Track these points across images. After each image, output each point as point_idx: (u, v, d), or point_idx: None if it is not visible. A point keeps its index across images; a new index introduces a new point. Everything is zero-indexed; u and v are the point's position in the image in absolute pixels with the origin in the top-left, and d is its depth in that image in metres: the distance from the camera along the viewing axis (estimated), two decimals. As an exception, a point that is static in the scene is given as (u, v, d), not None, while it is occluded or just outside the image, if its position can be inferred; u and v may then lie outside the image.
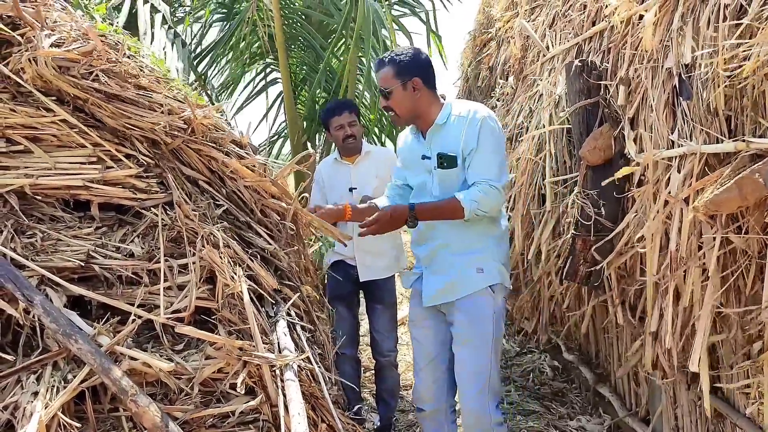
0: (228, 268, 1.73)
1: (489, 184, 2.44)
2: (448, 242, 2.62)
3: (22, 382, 1.42)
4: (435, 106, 2.62)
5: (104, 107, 1.87)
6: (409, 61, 2.59)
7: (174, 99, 2.00)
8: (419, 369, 2.82)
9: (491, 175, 2.46)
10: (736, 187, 1.66)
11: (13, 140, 1.83)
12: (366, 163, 3.60)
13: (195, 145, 1.98)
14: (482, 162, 2.48)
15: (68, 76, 1.82)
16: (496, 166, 2.49)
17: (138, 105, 1.91)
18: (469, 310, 2.55)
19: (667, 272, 2.19)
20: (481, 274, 2.54)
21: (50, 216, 1.83)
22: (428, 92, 2.60)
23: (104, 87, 1.86)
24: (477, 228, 2.56)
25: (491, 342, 2.54)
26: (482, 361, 2.55)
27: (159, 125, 1.91)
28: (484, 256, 2.56)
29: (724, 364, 2.15)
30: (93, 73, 1.86)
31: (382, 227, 2.50)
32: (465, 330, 2.58)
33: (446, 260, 2.63)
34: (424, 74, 2.59)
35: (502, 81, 4.43)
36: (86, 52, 1.86)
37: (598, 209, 2.58)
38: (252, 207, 2.06)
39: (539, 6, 3.92)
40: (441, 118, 2.59)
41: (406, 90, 2.57)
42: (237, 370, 1.56)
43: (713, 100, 1.91)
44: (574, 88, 2.78)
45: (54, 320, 1.47)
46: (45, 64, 1.79)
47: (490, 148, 2.49)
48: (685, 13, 2.13)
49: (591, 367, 3.84)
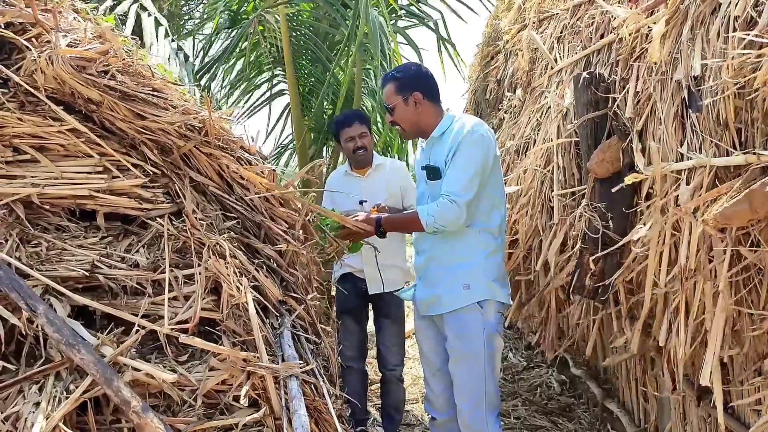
0: (233, 278, 1.72)
1: (450, 198, 2.45)
2: (435, 255, 2.66)
3: (24, 392, 1.41)
4: (438, 118, 2.66)
5: (119, 108, 1.87)
6: (409, 77, 2.65)
7: (187, 102, 2.02)
8: (428, 379, 2.85)
9: (455, 189, 2.46)
10: (746, 200, 1.64)
11: (20, 149, 1.84)
12: (377, 175, 3.58)
13: (207, 148, 1.98)
14: (451, 176, 2.51)
15: (85, 75, 1.83)
16: (464, 181, 2.48)
17: (153, 105, 1.92)
18: (459, 326, 2.56)
19: (676, 286, 2.16)
20: (467, 291, 2.54)
21: (56, 225, 1.83)
22: (431, 105, 2.65)
23: (120, 86, 1.87)
24: (465, 242, 2.57)
25: (483, 357, 2.53)
26: (476, 376, 2.55)
27: (174, 124, 1.91)
28: (471, 271, 2.56)
29: (734, 380, 2.12)
30: (109, 72, 1.87)
31: (355, 234, 2.64)
32: (456, 347, 2.59)
33: (434, 273, 2.67)
34: (425, 88, 2.63)
35: (510, 93, 4.42)
36: (103, 51, 1.87)
37: (606, 222, 2.56)
38: (262, 212, 2.05)
39: (547, 18, 3.92)
40: (437, 131, 2.64)
41: (407, 105, 2.63)
42: (241, 381, 1.54)
43: (723, 112, 1.90)
44: (582, 101, 2.77)
45: (57, 330, 1.46)
46: (62, 64, 1.79)
47: (462, 162, 2.50)
48: (694, 25, 2.11)
49: (599, 382, 3.80)
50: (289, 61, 5.28)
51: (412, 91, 2.61)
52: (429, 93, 2.64)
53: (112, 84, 1.86)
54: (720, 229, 1.87)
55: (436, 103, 2.67)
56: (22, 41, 1.89)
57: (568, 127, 3.08)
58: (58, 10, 2.00)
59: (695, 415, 2.50)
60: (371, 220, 2.64)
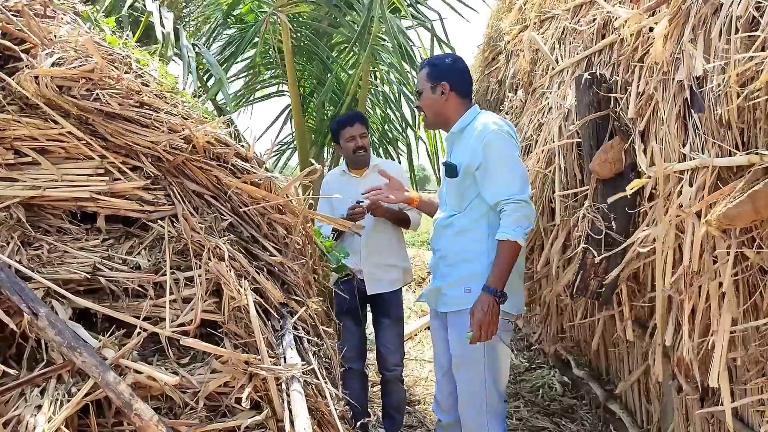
0: (234, 280, 1.71)
1: (514, 200, 2.41)
2: (446, 254, 2.67)
3: (26, 395, 1.40)
4: (457, 114, 2.66)
5: (106, 124, 1.87)
6: (443, 66, 2.67)
7: (176, 115, 1.99)
8: (437, 380, 2.87)
9: (514, 190, 2.43)
10: (749, 201, 1.64)
11: (21, 152, 1.83)
12: (374, 175, 3.59)
13: (197, 162, 1.98)
14: (502, 179, 2.45)
15: (68, 95, 1.82)
16: (517, 180, 2.46)
17: (138, 123, 1.91)
18: (460, 329, 2.53)
19: (680, 286, 2.16)
20: (468, 294, 2.51)
21: (57, 228, 1.82)
22: (457, 99, 2.65)
23: (104, 106, 1.86)
24: (474, 245, 2.57)
25: (484, 361, 2.51)
26: (477, 380, 2.53)
27: (159, 144, 1.90)
28: (474, 274, 2.53)
29: (738, 381, 2.11)
30: (94, 93, 1.85)
31: (484, 324, 2.35)
32: (457, 350, 2.59)
33: (443, 271, 2.69)
34: (456, 81, 2.64)
35: (511, 94, 4.42)
36: (87, 70, 1.85)
37: (609, 223, 2.55)
38: (258, 222, 2.05)
39: (548, 19, 3.91)
40: (457, 126, 2.64)
41: (434, 93, 2.65)
42: (243, 383, 1.54)
43: (725, 112, 1.89)
44: (583, 101, 2.77)
45: (59, 333, 1.45)
46: (46, 85, 1.78)
47: (506, 163, 2.47)
48: (696, 26, 2.11)
49: (601, 383, 3.79)
50: (290, 61, 5.28)
51: (441, 80, 2.63)
52: (458, 86, 2.65)
53: (96, 105, 1.84)
54: (723, 230, 1.87)
55: (464, 98, 2.67)
56: (18, 51, 1.88)
57: (570, 127, 3.08)
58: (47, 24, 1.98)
59: (698, 416, 2.49)
60: (488, 299, 2.37)
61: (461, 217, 2.62)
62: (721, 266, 1.94)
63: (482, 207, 2.56)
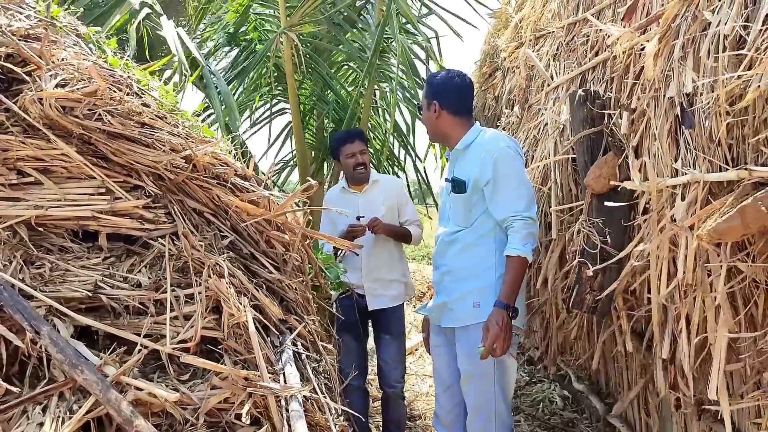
0: (234, 297, 1.74)
1: (520, 217, 2.44)
2: (451, 269, 2.66)
3: (28, 413, 1.42)
4: (459, 131, 2.66)
5: (108, 144, 1.90)
6: (435, 84, 2.69)
7: (177, 135, 2.03)
8: (438, 395, 2.84)
9: (520, 207, 2.46)
10: (738, 216, 1.66)
11: (24, 172, 1.86)
12: (374, 191, 3.62)
13: (197, 181, 2.01)
14: (508, 196, 2.48)
15: (71, 116, 1.86)
16: (524, 197, 2.49)
17: (140, 143, 1.95)
18: (468, 344, 2.54)
19: (675, 299, 2.18)
20: (477, 309, 2.51)
21: (59, 246, 1.85)
22: (450, 117, 2.67)
23: (107, 126, 1.89)
24: (481, 260, 2.57)
25: (494, 375, 2.51)
26: (486, 394, 2.53)
27: (160, 163, 1.94)
28: (482, 290, 2.54)
29: (735, 393, 2.13)
30: (96, 113, 1.89)
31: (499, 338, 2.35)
32: (465, 364, 2.59)
33: (448, 286, 2.67)
34: (445, 100, 2.66)
35: (508, 110, 4.46)
36: (90, 92, 1.89)
37: (604, 237, 2.58)
38: (257, 239, 2.07)
39: (543, 36, 3.97)
40: (461, 144, 2.64)
41: (429, 110, 2.69)
42: (242, 400, 1.56)
43: (715, 129, 1.93)
44: (578, 117, 2.81)
45: (61, 351, 1.48)
46: (49, 106, 1.82)
47: (514, 180, 2.49)
48: (685, 44, 2.15)
49: (601, 396, 3.80)
50: (291, 78, 5.33)
51: (433, 99, 2.67)
52: (450, 105, 2.66)
53: (98, 125, 1.88)
54: (716, 244, 1.89)
55: (458, 116, 2.67)
56: (22, 73, 1.92)
57: (565, 143, 3.12)
58: (51, 47, 2.03)
59: (697, 429, 2.50)
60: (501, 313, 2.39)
61: (467, 232, 2.62)
62: (715, 279, 1.97)
63: (489, 222, 2.57)
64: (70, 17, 2.50)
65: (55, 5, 2.41)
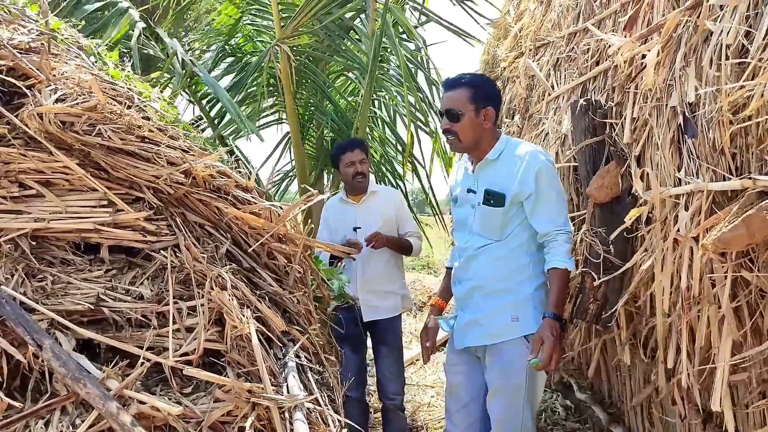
0: (236, 309, 1.73)
1: (562, 231, 2.41)
2: (481, 284, 2.54)
3: (31, 427, 1.41)
4: (492, 140, 2.54)
5: (108, 158, 1.90)
6: (490, 89, 2.52)
7: (177, 149, 2.03)
8: (451, 414, 2.71)
9: (560, 222, 2.42)
10: (743, 225, 1.66)
11: (26, 185, 1.86)
12: (371, 202, 3.62)
13: (198, 195, 2.00)
14: (549, 211, 2.42)
15: (70, 131, 1.85)
16: (564, 212, 2.46)
17: (140, 157, 1.94)
18: (502, 359, 2.46)
19: (680, 310, 2.17)
20: (516, 323, 2.44)
21: (61, 259, 1.84)
22: (493, 127, 2.54)
23: (106, 141, 1.89)
24: (516, 272, 2.49)
25: (524, 393, 2.43)
26: (514, 411, 2.45)
27: (160, 178, 1.93)
28: (519, 301, 2.46)
29: (740, 403, 2.12)
30: (96, 128, 1.89)
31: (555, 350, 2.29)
32: (496, 380, 2.49)
33: (479, 303, 2.55)
34: (497, 106, 2.53)
35: (508, 120, 4.47)
36: (89, 107, 1.89)
37: (607, 247, 2.57)
38: (258, 251, 2.07)
39: (543, 46, 3.98)
40: (493, 153, 2.52)
41: (477, 117, 2.47)
42: (246, 412, 1.54)
43: (718, 138, 1.93)
44: (579, 127, 2.81)
45: (63, 364, 1.46)
46: (49, 121, 1.82)
47: (555, 195, 2.44)
48: (687, 53, 2.15)
49: (604, 406, 3.78)
50: (288, 89, 5.34)
51: (486, 105, 2.47)
52: (497, 113, 2.54)
53: (98, 140, 1.88)
54: (721, 254, 1.89)
55: (496, 126, 2.56)
56: (23, 87, 1.92)
57: (567, 152, 3.12)
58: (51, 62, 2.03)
59: (701, 440, 2.49)
60: (555, 324, 2.32)
61: (499, 245, 2.51)
62: (719, 289, 1.96)
63: (523, 235, 2.49)
64: (71, 30, 2.51)
65: (56, 18, 2.42)
